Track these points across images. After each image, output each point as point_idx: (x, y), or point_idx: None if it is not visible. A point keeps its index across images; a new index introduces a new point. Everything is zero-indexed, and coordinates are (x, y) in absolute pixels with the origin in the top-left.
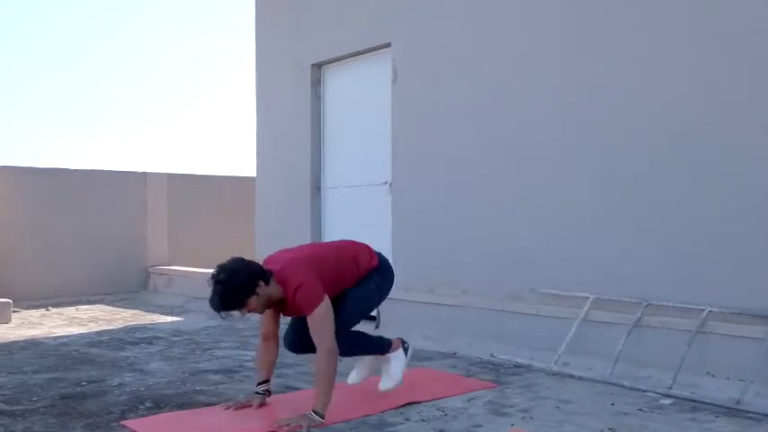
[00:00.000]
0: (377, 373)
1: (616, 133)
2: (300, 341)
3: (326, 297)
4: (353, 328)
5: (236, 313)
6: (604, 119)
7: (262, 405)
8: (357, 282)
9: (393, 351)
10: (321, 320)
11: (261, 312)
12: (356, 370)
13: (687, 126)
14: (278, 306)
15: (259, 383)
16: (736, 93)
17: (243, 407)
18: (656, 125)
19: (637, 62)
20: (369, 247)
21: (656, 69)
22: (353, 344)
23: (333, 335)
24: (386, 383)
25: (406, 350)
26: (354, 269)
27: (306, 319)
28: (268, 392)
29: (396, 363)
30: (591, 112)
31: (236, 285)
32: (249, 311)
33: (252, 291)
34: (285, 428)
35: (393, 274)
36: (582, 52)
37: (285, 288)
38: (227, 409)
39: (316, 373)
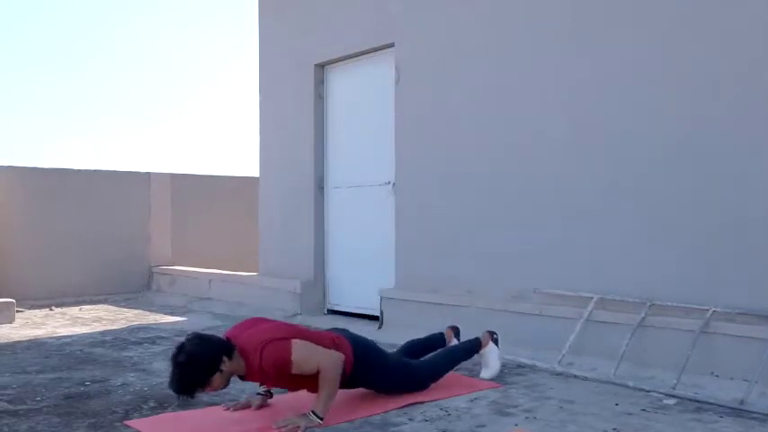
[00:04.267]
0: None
1: (618, 132)
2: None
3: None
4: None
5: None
6: (606, 118)
7: (262, 406)
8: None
9: (485, 347)
10: (305, 359)
11: (222, 388)
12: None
13: (690, 124)
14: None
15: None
16: (741, 90)
17: (243, 408)
18: (659, 123)
19: (638, 61)
20: (338, 338)
21: (658, 67)
22: (435, 374)
23: (327, 353)
24: (485, 373)
25: (496, 341)
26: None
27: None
28: (269, 394)
29: (492, 355)
30: (592, 112)
31: (194, 369)
32: (213, 390)
33: (214, 371)
34: (283, 429)
35: (372, 348)
36: (583, 52)
37: (247, 358)
38: (227, 410)
39: (321, 376)
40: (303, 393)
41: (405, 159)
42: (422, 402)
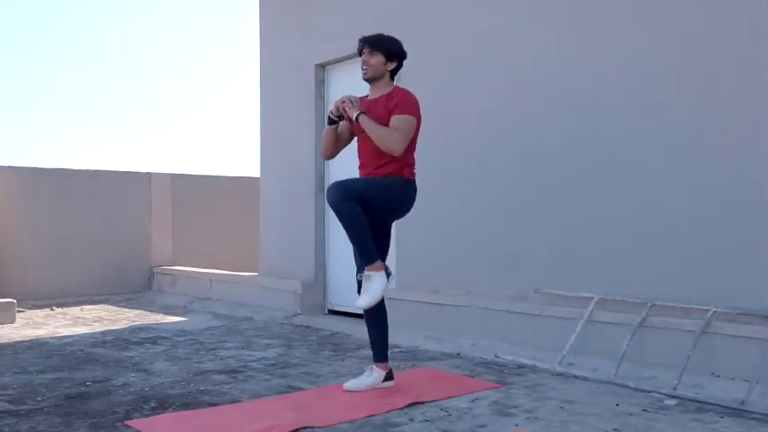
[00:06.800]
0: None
1: (619, 132)
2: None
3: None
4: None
5: (363, 55)
6: (606, 118)
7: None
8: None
9: (375, 270)
10: (403, 126)
11: (368, 74)
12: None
13: (690, 125)
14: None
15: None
16: (742, 90)
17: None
18: (659, 124)
19: (639, 62)
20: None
21: (658, 69)
22: (353, 212)
23: (404, 143)
24: (363, 299)
25: (388, 275)
26: (411, 155)
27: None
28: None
29: (376, 280)
30: (593, 112)
31: (392, 39)
32: (367, 62)
33: (393, 53)
34: (339, 99)
35: (409, 201)
36: (583, 53)
37: (395, 89)
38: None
39: (390, 129)
40: (305, 394)
41: None
42: (422, 402)
